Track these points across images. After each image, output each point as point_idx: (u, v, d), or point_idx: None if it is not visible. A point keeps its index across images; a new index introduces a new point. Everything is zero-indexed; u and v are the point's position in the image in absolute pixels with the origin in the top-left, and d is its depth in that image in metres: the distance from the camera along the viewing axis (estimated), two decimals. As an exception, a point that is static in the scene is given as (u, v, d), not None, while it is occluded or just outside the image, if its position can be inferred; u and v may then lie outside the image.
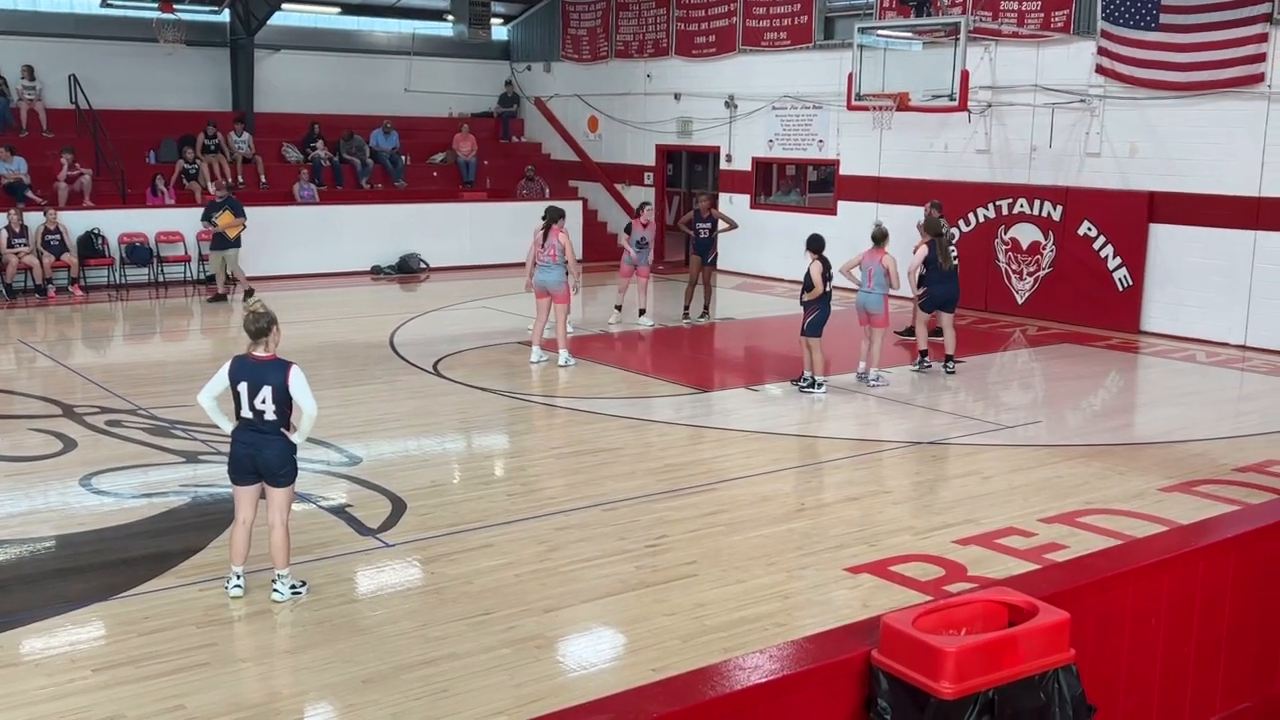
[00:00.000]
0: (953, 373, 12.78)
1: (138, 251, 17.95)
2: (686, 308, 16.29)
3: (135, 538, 7.65)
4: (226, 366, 6.50)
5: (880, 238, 12.14)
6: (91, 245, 17.65)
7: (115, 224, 18.00)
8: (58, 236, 17.18)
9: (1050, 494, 8.60)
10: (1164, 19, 14.78)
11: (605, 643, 6.21)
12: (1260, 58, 14.05)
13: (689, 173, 23.70)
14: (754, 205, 20.69)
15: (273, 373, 6.40)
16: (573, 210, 22.51)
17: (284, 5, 21.09)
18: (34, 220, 17.02)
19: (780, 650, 4.14)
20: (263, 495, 6.57)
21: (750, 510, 8.15)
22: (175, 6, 19.44)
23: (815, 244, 11.81)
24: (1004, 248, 16.91)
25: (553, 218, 12.66)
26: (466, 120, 23.76)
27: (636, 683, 5.44)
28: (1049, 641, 4.07)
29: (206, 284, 17.54)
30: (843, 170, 19.07)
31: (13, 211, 16.93)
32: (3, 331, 14.59)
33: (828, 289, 11.72)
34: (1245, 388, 12.80)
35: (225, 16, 21.23)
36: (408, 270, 20.08)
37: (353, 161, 21.53)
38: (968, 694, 3.85)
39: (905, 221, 17.82)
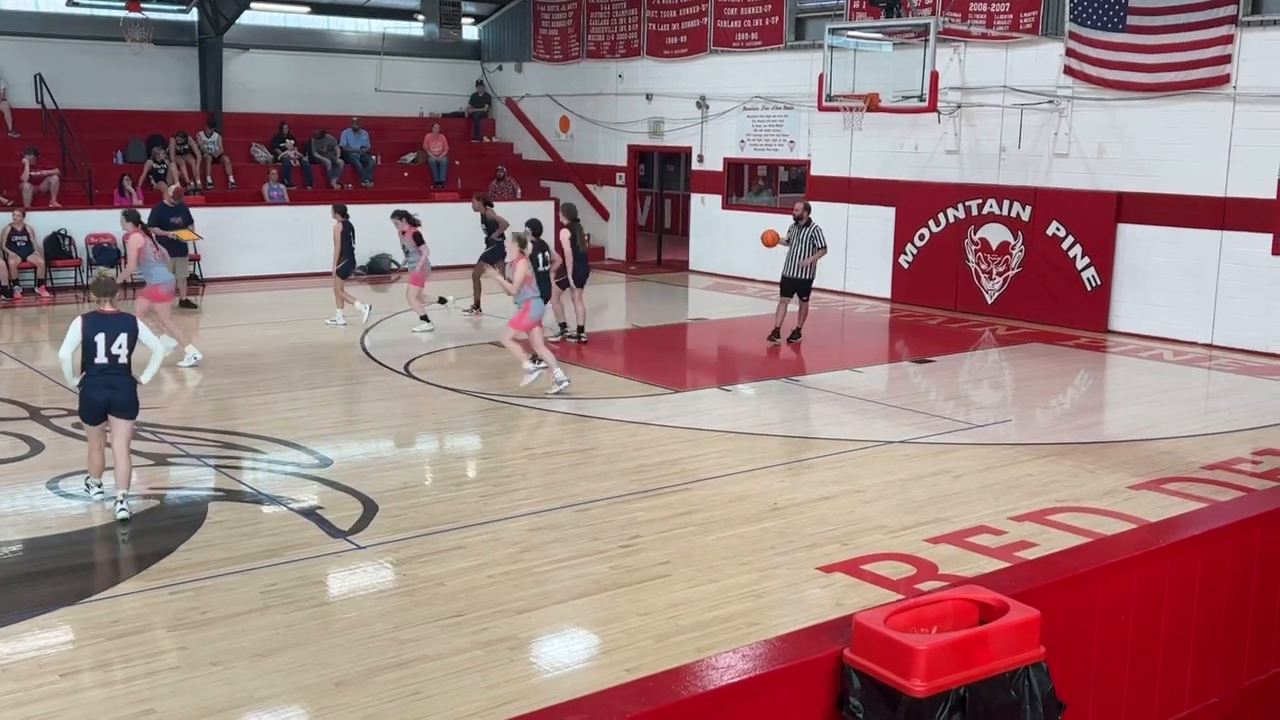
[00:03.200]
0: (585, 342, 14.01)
1: (105, 252, 17.77)
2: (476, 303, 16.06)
3: (103, 541, 7.59)
4: (78, 323, 7.76)
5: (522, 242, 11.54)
6: (58, 246, 17.48)
7: (83, 224, 17.83)
8: (24, 238, 17.00)
9: (1020, 492, 8.66)
10: (1131, 20, 14.92)
11: (579, 643, 6.21)
12: (1226, 59, 14.20)
13: (661, 173, 23.72)
14: (726, 206, 20.73)
15: (125, 322, 7.84)
16: (544, 211, 22.52)
17: (252, 4, 20.94)
18: (-1, 221, 16.84)
19: (753, 650, 4.16)
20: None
21: (723, 510, 8.16)
22: (142, 5, 19.27)
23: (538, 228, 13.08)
24: (973, 248, 17.01)
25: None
26: (437, 120, 23.67)
27: (610, 683, 5.44)
28: (1019, 639, 4.10)
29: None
30: (814, 171, 19.13)
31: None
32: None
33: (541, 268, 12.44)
34: (1212, 386, 12.93)
35: (193, 16, 21.06)
36: (378, 271, 19.98)
37: (323, 161, 21.41)
38: (939, 691, 3.87)
39: (879, 223, 17.96)
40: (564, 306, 14.36)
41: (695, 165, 21.15)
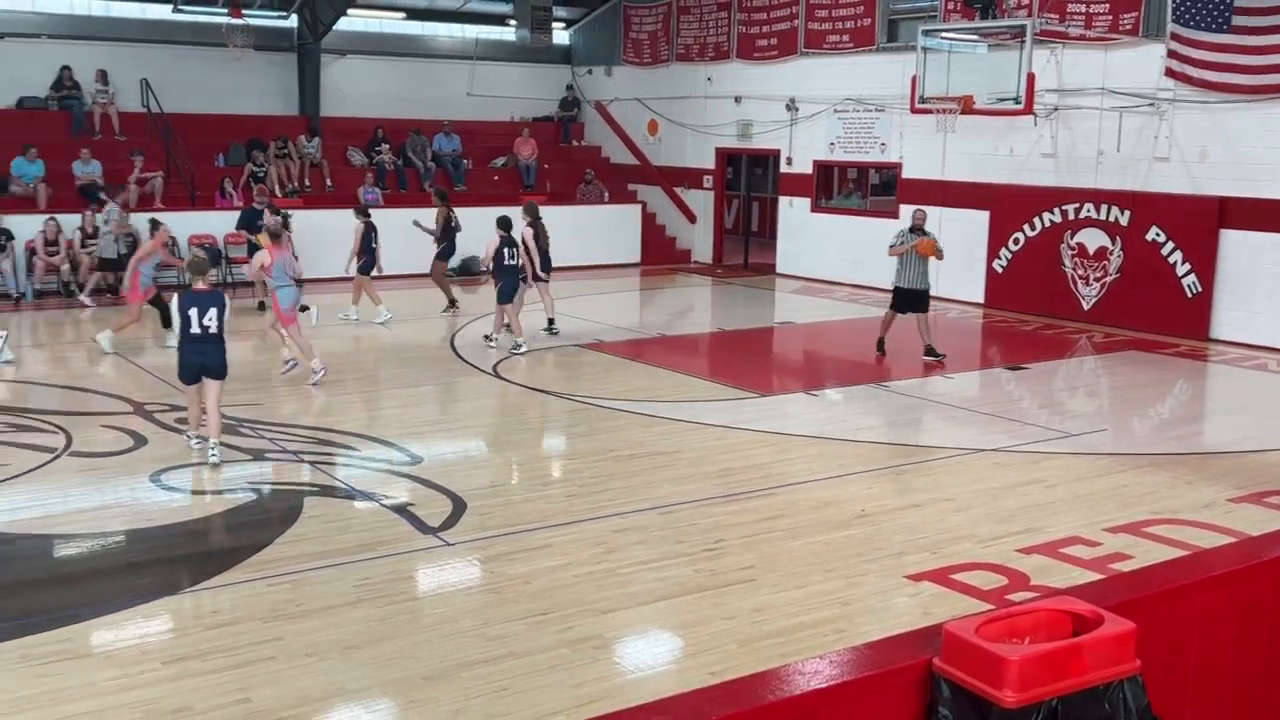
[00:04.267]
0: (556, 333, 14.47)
1: (206, 253, 18.23)
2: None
3: (203, 533, 7.81)
4: (176, 300, 9.18)
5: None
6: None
7: (185, 225, 18.32)
8: (130, 237, 17.52)
9: (1116, 503, 8.47)
10: (1236, 20, 14.50)
11: (663, 645, 6.23)
12: (1336, 60, 13.74)
13: (749, 176, 23.66)
14: (815, 208, 20.61)
15: (215, 298, 9.10)
16: (631, 213, 22.64)
17: (350, 11, 21.37)
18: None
19: (841, 656, 4.13)
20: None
21: (810, 515, 8.11)
22: (244, 12, 19.78)
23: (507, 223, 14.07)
24: (1070, 253, 16.68)
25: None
26: (527, 124, 23.92)
27: (694, 686, 5.45)
28: (1114, 651, 4.01)
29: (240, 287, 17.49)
30: (905, 173, 18.93)
31: (87, 212, 17.32)
32: (76, 330, 14.92)
33: (508, 262, 13.84)
34: (1318, 397, 12.51)
35: (293, 22, 21.56)
36: (469, 273, 20.23)
37: (416, 165, 21.74)
38: (1031, 703, 3.81)
39: (972, 227, 17.70)
40: (545, 301, 14.89)
41: (784, 168, 21.06)
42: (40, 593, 6.70)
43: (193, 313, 9.00)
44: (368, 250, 15.70)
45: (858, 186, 21.68)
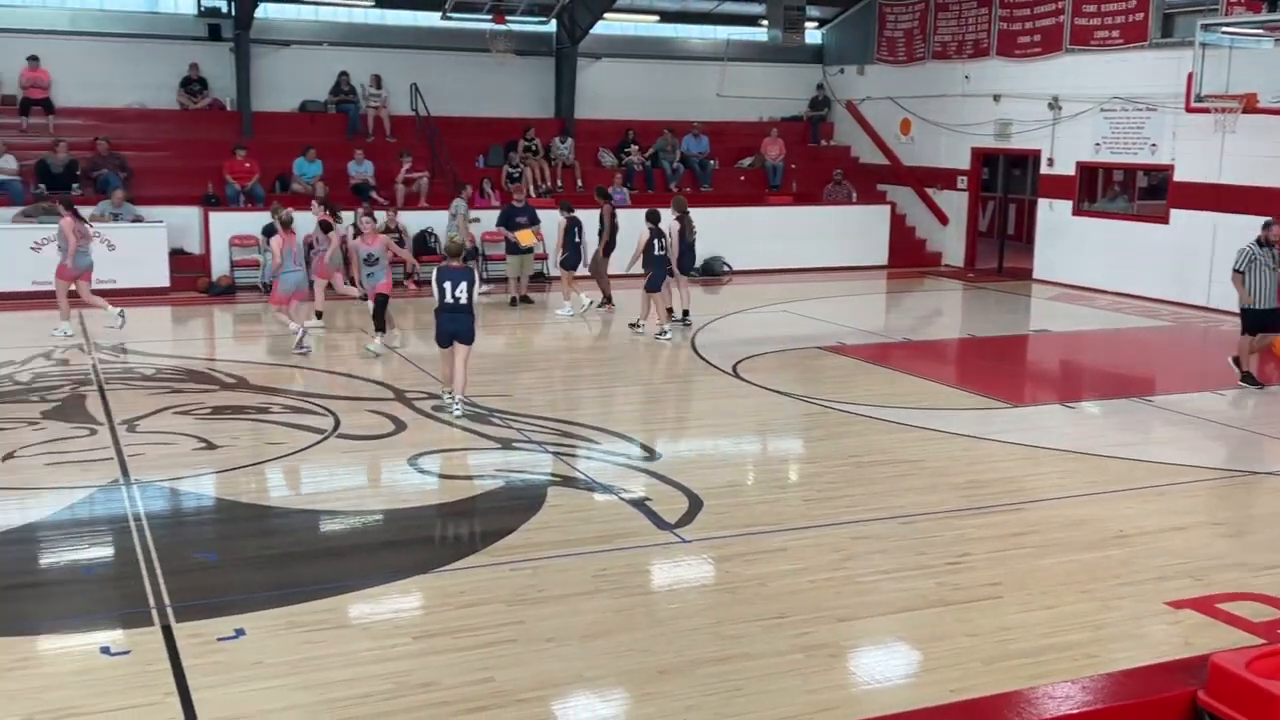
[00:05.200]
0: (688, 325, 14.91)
1: (465, 248, 19.07)
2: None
3: (453, 516, 8.17)
4: (434, 273, 10.55)
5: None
6: (425, 244, 18.92)
7: (446, 225, 19.18)
8: (397, 234, 18.51)
9: None
10: None
11: (901, 658, 6.06)
12: None
13: (1006, 177, 22.78)
14: (1077, 212, 19.64)
15: (465, 274, 10.42)
16: (880, 214, 22.22)
17: (606, 15, 21.88)
18: (376, 218, 18.40)
19: (1094, 682, 3.92)
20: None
21: (1062, 533, 7.73)
22: (507, 18, 20.57)
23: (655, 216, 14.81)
24: (1366, 263, 15.22)
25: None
26: (775, 124, 23.84)
27: (934, 701, 5.30)
28: None
29: (497, 284, 18.07)
30: (1177, 176, 17.78)
31: (359, 210, 18.41)
32: (346, 320, 15.89)
33: (658, 253, 14.59)
34: None
35: (552, 27, 22.27)
36: (711, 273, 20.36)
37: (664, 165, 22.03)
38: (1311, 750, 3.49)
39: (1252, 234, 16.43)
40: (670, 292, 15.15)
41: (1044, 169, 20.17)
42: (307, 564, 7.16)
43: (446, 285, 10.33)
44: (571, 245, 16.17)
45: (1124, 189, 20.53)
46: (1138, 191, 20.31)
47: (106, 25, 20.04)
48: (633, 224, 15.75)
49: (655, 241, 14.68)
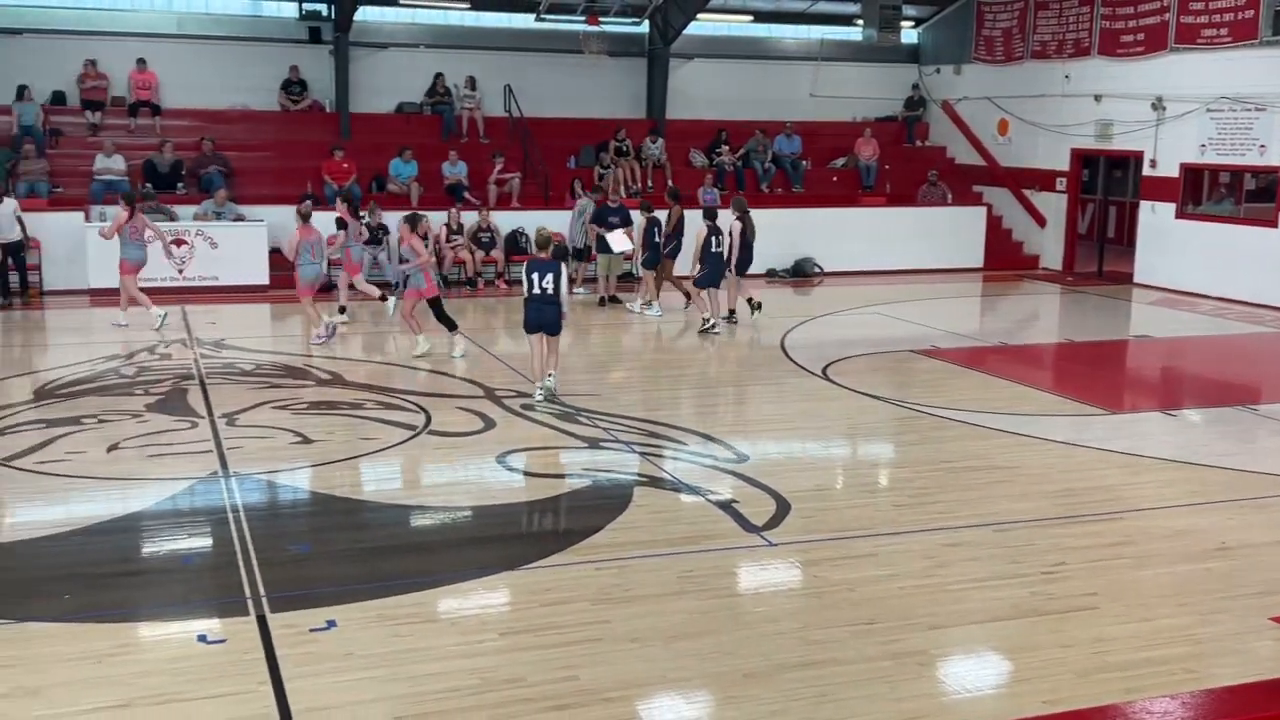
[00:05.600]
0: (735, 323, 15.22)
1: (556, 250, 19.16)
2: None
3: (540, 514, 8.22)
4: (525, 265, 11.03)
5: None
6: (516, 243, 19.08)
7: (538, 224, 19.30)
8: (489, 234, 18.73)
9: None
10: None
11: (992, 667, 5.93)
12: None
13: (1107, 178, 22.22)
14: (1180, 215, 19.08)
15: (553, 266, 10.74)
16: (975, 216, 21.83)
17: (699, 15, 21.84)
18: (468, 219, 18.66)
19: (1194, 698, 3.79)
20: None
21: (1161, 544, 7.51)
22: (600, 20, 20.65)
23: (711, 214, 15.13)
24: None
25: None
26: (869, 124, 23.57)
27: (1026, 713, 5.19)
28: None
29: (591, 283, 18.11)
30: (1288, 178, 17.18)
31: (453, 210, 18.66)
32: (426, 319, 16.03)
33: (714, 250, 14.82)
34: None
35: (644, 28, 22.30)
36: (802, 274, 20.21)
37: (755, 166, 21.91)
38: None
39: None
40: (728, 292, 15.46)
41: (1146, 170, 19.64)
42: (397, 558, 7.26)
43: (535, 276, 10.75)
44: (651, 245, 16.22)
45: (1231, 192, 19.87)
46: (1245, 194, 19.65)
47: (211, 29, 20.62)
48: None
49: (712, 239, 14.83)
